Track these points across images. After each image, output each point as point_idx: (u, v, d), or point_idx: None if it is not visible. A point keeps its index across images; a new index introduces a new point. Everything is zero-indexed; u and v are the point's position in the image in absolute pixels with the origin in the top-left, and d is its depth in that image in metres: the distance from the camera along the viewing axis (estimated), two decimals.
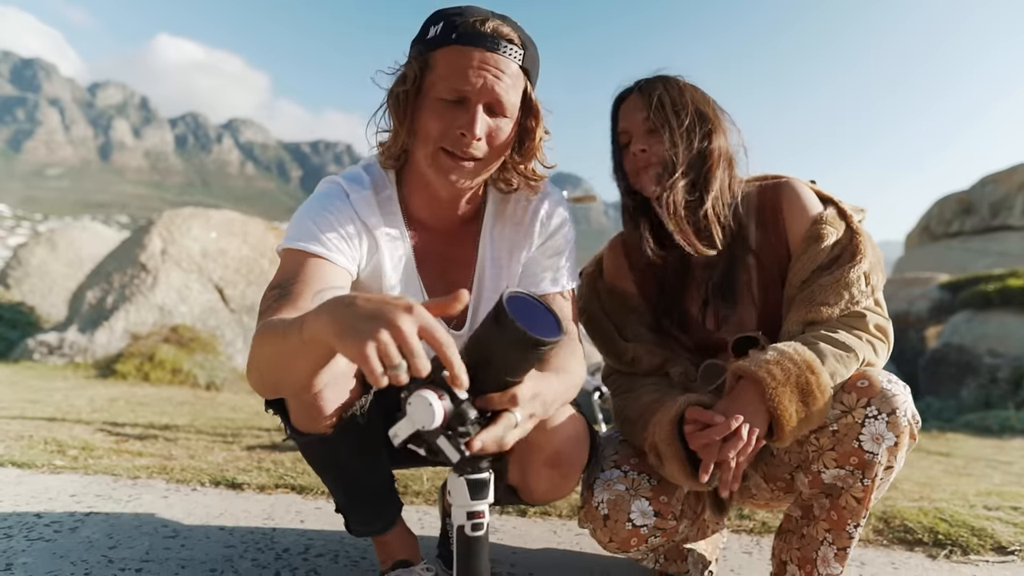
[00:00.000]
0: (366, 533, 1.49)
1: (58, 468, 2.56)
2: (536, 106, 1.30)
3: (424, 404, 0.91)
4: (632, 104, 1.45)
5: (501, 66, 1.22)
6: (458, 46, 1.21)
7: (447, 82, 1.22)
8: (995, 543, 2.02)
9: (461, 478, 0.99)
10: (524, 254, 1.44)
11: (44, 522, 1.92)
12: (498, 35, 1.22)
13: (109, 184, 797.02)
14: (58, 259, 12.02)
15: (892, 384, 1.22)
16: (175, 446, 3.17)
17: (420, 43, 1.27)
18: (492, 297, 1.46)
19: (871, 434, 1.20)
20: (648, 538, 1.33)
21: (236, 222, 9.29)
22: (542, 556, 1.87)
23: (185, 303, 8.01)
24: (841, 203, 1.41)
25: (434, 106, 1.24)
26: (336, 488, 1.46)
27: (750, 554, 1.94)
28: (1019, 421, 7.71)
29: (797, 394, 1.19)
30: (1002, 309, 11.23)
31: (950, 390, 10.44)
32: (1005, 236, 19.60)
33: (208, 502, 2.23)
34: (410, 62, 1.27)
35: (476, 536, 0.99)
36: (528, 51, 1.26)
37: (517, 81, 1.25)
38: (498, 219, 1.44)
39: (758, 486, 1.45)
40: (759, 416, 1.20)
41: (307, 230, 1.29)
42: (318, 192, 1.37)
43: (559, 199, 1.47)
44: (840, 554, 1.29)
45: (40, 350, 7.38)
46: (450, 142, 1.24)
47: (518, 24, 1.27)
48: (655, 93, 1.41)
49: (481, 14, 1.24)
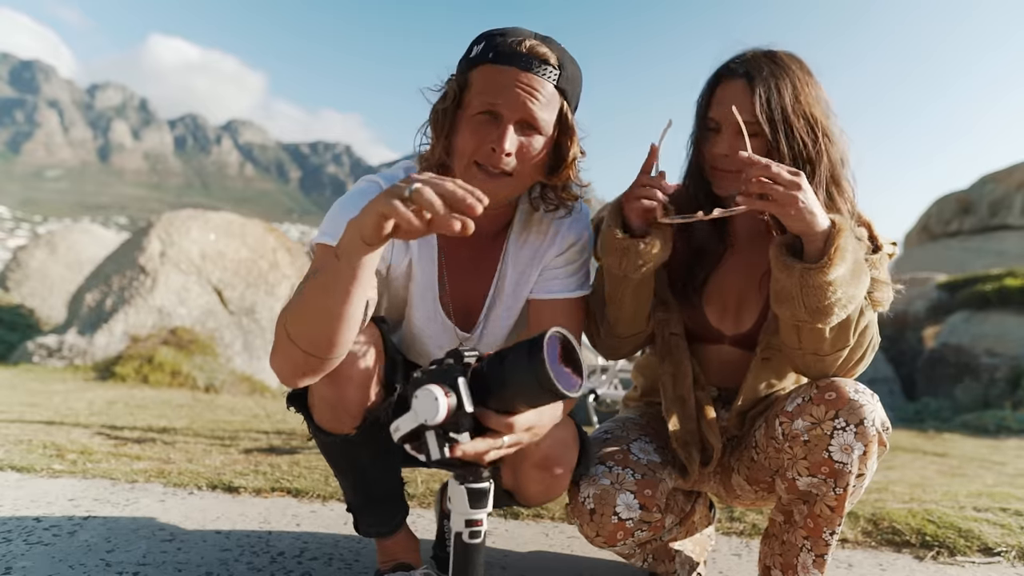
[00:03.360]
0: (375, 535, 1.52)
1: (57, 472, 2.58)
2: (572, 126, 1.32)
3: (430, 398, 0.93)
4: (732, 92, 1.30)
5: (535, 85, 1.25)
6: (494, 65, 1.25)
7: (482, 98, 1.26)
8: (982, 544, 2.04)
9: (462, 487, 1.00)
10: (542, 265, 1.47)
11: (43, 526, 1.95)
12: (534, 55, 1.25)
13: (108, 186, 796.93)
14: (57, 261, 12.04)
15: (859, 394, 1.24)
16: (173, 449, 3.19)
17: (463, 62, 1.31)
18: (508, 307, 1.50)
19: (840, 445, 1.22)
20: (634, 531, 1.35)
21: (235, 224, 9.31)
22: (533, 558, 1.90)
23: (184, 305, 8.03)
24: (874, 228, 1.37)
25: (469, 122, 1.28)
26: (352, 488, 1.49)
27: (739, 556, 1.96)
28: (1015, 421, 7.74)
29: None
30: (1000, 309, 11.26)
31: (948, 390, 10.46)
32: (1004, 236, 19.64)
33: (205, 506, 2.25)
34: (451, 80, 1.31)
35: (474, 544, 1.01)
36: (565, 72, 1.28)
37: (552, 100, 1.28)
38: (523, 232, 1.48)
39: (742, 487, 1.48)
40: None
41: (339, 226, 1.32)
42: (356, 188, 1.41)
43: (584, 215, 1.49)
44: (818, 560, 1.32)
45: (39, 353, 7.40)
46: (482, 156, 1.28)
47: (560, 46, 1.30)
48: (763, 89, 1.27)
49: (521, 35, 1.27)
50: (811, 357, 1.29)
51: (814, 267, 1.15)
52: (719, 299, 1.48)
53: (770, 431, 1.34)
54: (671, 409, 1.45)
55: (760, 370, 1.43)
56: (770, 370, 1.44)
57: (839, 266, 1.14)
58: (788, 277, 1.19)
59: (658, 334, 1.49)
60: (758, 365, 1.42)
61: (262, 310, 8.53)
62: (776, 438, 1.32)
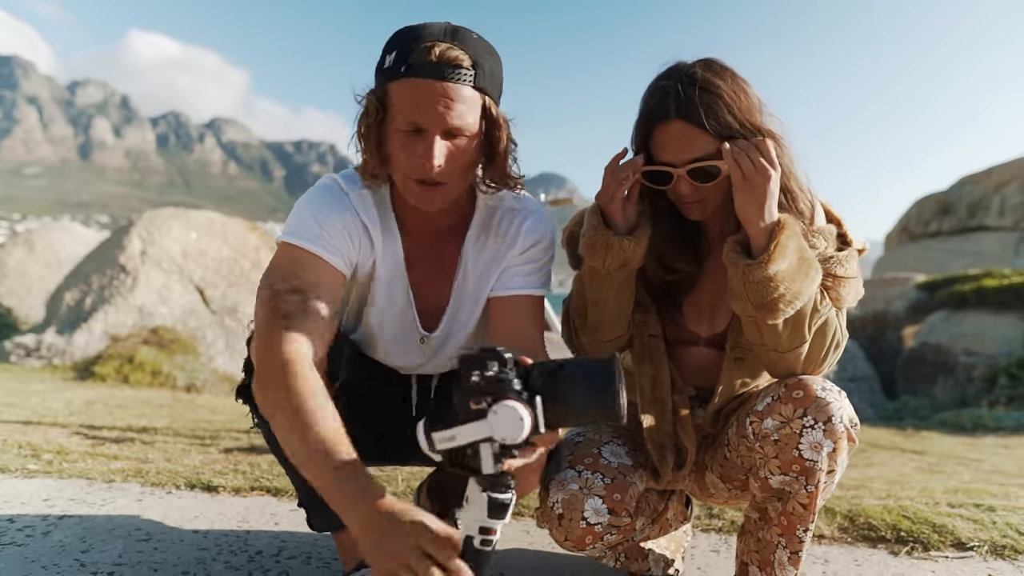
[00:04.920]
0: (327, 528, 1.53)
1: (31, 472, 2.55)
2: (497, 118, 1.32)
3: (514, 417, 0.91)
4: (678, 133, 1.28)
5: (451, 94, 1.23)
6: (409, 79, 1.23)
7: (403, 115, 1.25)
8: (955, 539, 2.07)
9: (484, 494, 0.98)
10: (504, 265, 1.47)
11: (16, 526, 1.92)
12: (446, 62, 1.22)
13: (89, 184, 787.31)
14: (36, 260, 11.87)
15: (826, 392, 1.25)
16: (152, 449, 3.16)
17: (379, 73, 1.29)
18: (470, 307, 1.50)
19: (809, 443, 1.24)
20: (603, 535, 1.36)
21: (217, 222, 9.23)
22: (513, 556, 1.90)
23: (165, 304, 7.95)
24: (844, 226, 1.37)
25: (396, 138, 1.27)
26: (299, 481, 1.48)
27: (718, 552, 1.98)
28: (992, 419, 7.86)
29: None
30: (978, 309, 11.43)
31: (926, 388, 10.62)
32: (982, 236, 19.93)
33: (183, 505, 2.23)
34: (370, 95, 1.29)
35: (484, 551, 0.99)
36: (481, 70, 1.26)
37: (472, 102, 1.26)
38: (483, 230, 1.48)
39: (716, 485, 1.49)
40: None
41: (308, 227, 1.33)
42: (320, 186, 1.41)
43: (542, 217, 1.50)
44: (793, 557, 1.33)
45: (17, 352, 7.30)
46: (414, 171, 1.27)
47: (473, 37, 1.27)
48: (709, 120, 1.25)
49: (431, 37, 1.24)
50: (773, 354, 1.30)
51: (754, 263, 1.19)
52: (695, 302, 1.50)
53: (741, 430, 1.36)
54: (648, 412, 1.46)
55: (733, 369, 1.44)
56: (744, 369, 1.45)
57: (779, 261, 1.17)
58: (735, 273, 1.23)
59: (636, 336, 1.50)
60: (731, 365, 1.44)
61: (244, 309, 8.47)
62: (747, 437, 1.33)
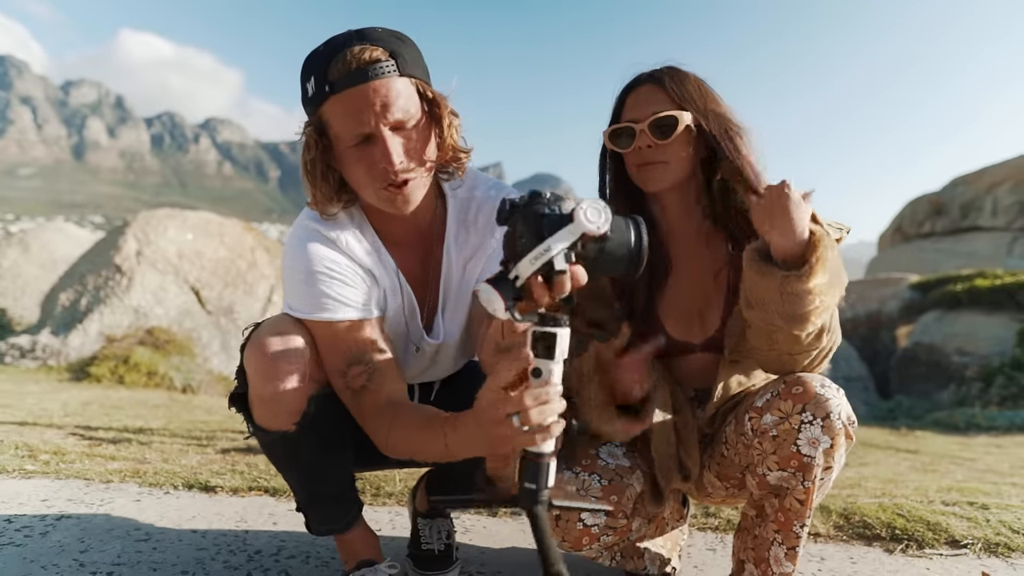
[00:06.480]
0: (326, 532, 1.53)
1: (29, 473, 2.55)
2: (435, 98, 1.31)
3: (598, 205, 0.93)
4: (643, 94, 1.39)
5: (382, 90, 1.21)
6: (337, 94, 1.22)
7: (346, 131, 1.24)
8: (949, 537, 2.09)
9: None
10: (487, 254, 1.48)
11: (14, 527, 1.92)
12: (366, 63, 1.21)
13: (83, 184, 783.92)
14: (31, 261, 11.84)
15: (825, 388, 1.26)
16: (149, 449, 3.16)
17: (307, 104, 1.28)
18: (458, 305, 1.51)
19: (807, 438, 1.25)
20: (600, 537, 1.37)
21: (213, 223, 9.22)
22: (510, 555, 1.91)
23: (161, 305, 7.94)
24: (817, 215, 1.34)
25: (349, 156, 1.27)
26: (298, 486, 1.49)
27: (714, 551, 1.99)
28: (985, 419, 7.90)
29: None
30: (970, 309, 11.50)
31: (920, 389, 10.67)
32: (974, 237, 20.04)
33: (181, 505, 2.24)
34: (307, 128, 1.29)
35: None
36: (400, 58, 1.25)
37: (406, 91, 1.25)
38: (460, 226, 1.48)
39: (712, 484, 1.50)
40: None
41: (315, 298, 1.33)
42: (306, 251, 1.36)
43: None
44: (790, 553, 1.34)
45: (12, 353, 7.28)
46: (380, 179, 1.27)
47: (379, 31, 1.26)
48: (673, 84, 1.37)
49: (341, 49, 1.22)
50: (786, 357, 1.31)
51: (793, 274, 1.17)
52: (677, 311, 1.49)
53: (740, 427, 1.37)
54: (650, 435, 1.47)
55: (730, 372, 1.45)
56: (740, 370, 1.46)
57: (820, 275, 1.16)
58: (767, 283, 1.20)
59: None
60: (727, 368, 1.45)
61: (240, 310, 8.46)
62: (746, 434, 1.34)
